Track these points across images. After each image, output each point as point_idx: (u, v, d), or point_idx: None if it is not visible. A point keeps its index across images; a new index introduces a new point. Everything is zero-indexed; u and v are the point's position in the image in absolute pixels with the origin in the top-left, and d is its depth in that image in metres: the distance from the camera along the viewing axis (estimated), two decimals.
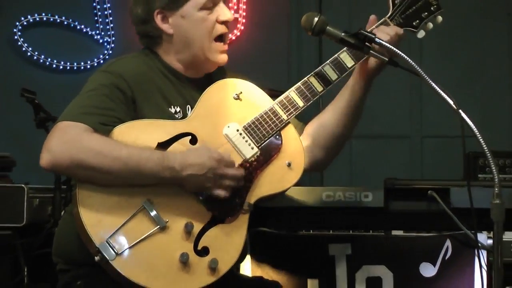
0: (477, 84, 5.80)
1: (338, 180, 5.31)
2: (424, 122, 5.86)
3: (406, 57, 2.27)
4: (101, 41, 5.77)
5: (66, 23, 5.74)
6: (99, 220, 2.16)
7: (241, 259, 2.40)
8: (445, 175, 5.16)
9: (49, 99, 4.36)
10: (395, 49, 2.32)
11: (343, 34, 2.36)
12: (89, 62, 5.72)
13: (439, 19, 2.54)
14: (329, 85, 2.43)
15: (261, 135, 2.35)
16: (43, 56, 5.68)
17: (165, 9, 2.39)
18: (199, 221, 2.23)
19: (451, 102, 2.18)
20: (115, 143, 2.19)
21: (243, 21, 5.78)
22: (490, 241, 2.64)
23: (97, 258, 2.13)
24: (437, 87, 2.20)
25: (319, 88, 2.42)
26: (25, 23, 5.66)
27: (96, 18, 5.76)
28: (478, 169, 4.47)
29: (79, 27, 5.74)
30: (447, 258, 2.74)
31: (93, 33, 5.76)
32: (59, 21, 5.73)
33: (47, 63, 5.70)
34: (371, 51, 2.35)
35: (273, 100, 2.41)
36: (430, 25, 2.52)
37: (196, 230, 2.21)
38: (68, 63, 5.71)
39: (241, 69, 2.54)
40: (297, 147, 2.39)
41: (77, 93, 2.31)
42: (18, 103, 4.46)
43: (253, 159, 2.33)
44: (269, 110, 2.38)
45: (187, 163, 2.20)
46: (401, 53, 2.29)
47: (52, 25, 5.73)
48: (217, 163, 2.22)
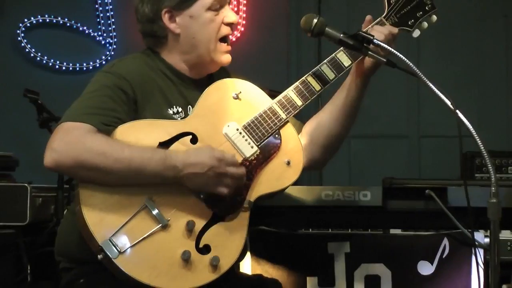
0: (474, 84, 5.82)
1: (337, 179, 5.32)
2: (422, 122, 5.87)
3: (403, 58, 2.27)
4: (103, 42, 5.79)
5: (68, 24, 5.75)
6: (101, 218, 2.15)
7: (241, 257, 2.40)
8: (442, 175, 5.18)
9: (52, 100, 4.37)
10: (393, 50, 2.32)
11: (341, 35, 2.37)
12: (91, 63, 5.74)
13: (434, 18, 2.55)
14: (327, 84, 2.44)
15: (260, 134, 2.36)
16: (46, 57, 5.70)
17: (173, 9, 2.39)
18: (201, 219, 2.23)
19: (449, 102, 2.18)
20: (118, 144, 2.19)
21: (243, 22, 5.79)
22: (487, 240, 2.65)
23: (100, 256, 2.13)
24: (434, 88, 2.20)
25: (317, 87, 2.43)
26: (28, 25, 5.68)
27: (98, 19, 5.78)
28: (475, 169, 4.49)
29: (81, 29, 5.76)
30: (444, 256, 2.74)
31: (95, 34, 5.78)
32: (62, 22, 5.74)
33: (50, 64, 5.72)
34: (369, 52, 2.35)
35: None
36: (425, 24, 2.54)
37: (197, 228, 2.21)
38: (70, 64, 5.73)
39: (240, 69, 2.55)
40: (296, 146, 2.40)
41: (80, 93, 2.32)
42: (21, 104, 4.47)
43: (253, 158, 2.33)
44: (268, 109, 2.39)
45: (189, 162, 2.20)
46: (399, 54, 2.29)
47: (54, 27, 5.75)
48: (218, 162, 2.21)
